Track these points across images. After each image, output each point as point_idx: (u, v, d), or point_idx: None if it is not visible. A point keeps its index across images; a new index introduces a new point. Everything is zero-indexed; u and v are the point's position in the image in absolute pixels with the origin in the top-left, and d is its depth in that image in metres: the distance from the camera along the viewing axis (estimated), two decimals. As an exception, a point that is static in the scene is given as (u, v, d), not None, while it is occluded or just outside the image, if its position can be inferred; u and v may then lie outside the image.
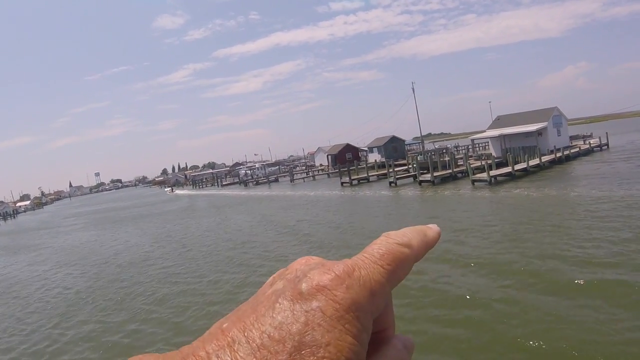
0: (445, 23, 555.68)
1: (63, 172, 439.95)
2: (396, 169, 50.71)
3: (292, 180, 63.52)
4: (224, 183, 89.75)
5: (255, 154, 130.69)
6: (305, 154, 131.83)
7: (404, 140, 74.08)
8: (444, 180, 38.58)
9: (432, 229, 0.43)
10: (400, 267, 0.39)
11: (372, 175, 48.24)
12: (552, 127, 49.47)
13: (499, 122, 55.65)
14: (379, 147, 70.83)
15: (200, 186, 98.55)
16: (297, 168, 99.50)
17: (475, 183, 34.03)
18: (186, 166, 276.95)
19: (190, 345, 0.35)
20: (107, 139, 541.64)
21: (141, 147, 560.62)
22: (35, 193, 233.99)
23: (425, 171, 40.24)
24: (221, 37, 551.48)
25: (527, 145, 46.26)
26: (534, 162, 39.14)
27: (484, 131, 56.03)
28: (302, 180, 64.33)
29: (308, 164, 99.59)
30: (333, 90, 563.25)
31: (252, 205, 40.51)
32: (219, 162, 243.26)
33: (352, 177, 46.31)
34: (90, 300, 15.57)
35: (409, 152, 73.21)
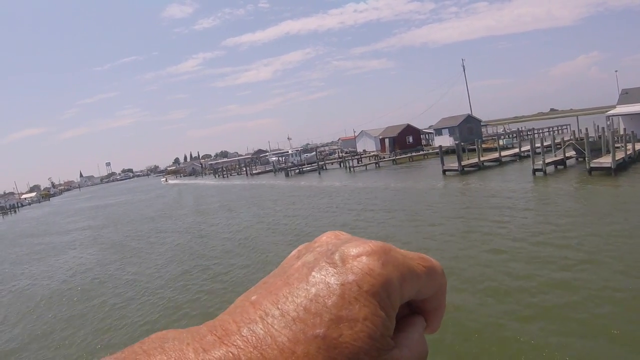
0: (456, 11, 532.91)
1: (74, 163, 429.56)
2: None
3: (351, 169, 50.69)
4: (254, 172, 77.29)
5: (289, 138, 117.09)
6: (337, 139, 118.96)
7: (480, 120, 60.78)
8: (619, 167, 25.96)
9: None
10: (430, 277, 0.37)
11: (486, 161, 35.35)
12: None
13: (628, 96, 43.56)
14: (451, 128, 57.66)
15: (224, 175, 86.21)
16: (334, 155, 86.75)
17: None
18: (198, 155, 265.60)
19: (215, 319, 0.34)
20: (117, 129, 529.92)
21: (152, 137, 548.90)
22: (45, 184, 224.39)
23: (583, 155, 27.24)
24: (231, 25, 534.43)
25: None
26: None
27: (614, 107, 43.41)
28: (364, 167, 51.41)
29: (345, 149, 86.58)
30: (343, 79, 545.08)
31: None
32: (231, 151, 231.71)
33: (463, 164, 33.32)
34: None
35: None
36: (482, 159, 35.05)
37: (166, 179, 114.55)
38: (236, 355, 0.30)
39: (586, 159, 26.84)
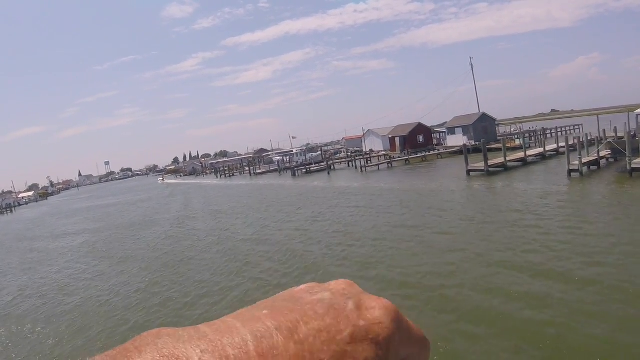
0: (456, 12, 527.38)
1: (72, 162, 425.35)
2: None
3: (363, 169, 48.66)
4: (258, 171, 75.13)
5: (293, 137, 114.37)
6: (340, 138, 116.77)
7: (494, 119, 58.67)
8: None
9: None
10: (422, 349, 0.41)
11: (510, 161, 33.31)
12: None
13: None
14: (464, 127, 55.62)
15: (227, 175, 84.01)
16: (340, 155, 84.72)
17: None
18: (198, 154, 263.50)
19: (218, 320, 0.34)
20: (116, 128, 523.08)
21: (151, 136, 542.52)
22: (44, 183, 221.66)
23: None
24: (230, 25, 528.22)
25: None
26: None
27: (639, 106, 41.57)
28: (376, 167, 49.29)
29: (350, 149, 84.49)
30: (343, 80, 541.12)
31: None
32: (231, 151, 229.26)
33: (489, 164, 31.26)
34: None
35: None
36: (507, 158, 33.00)
37: (163, 178, 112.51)
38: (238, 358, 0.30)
39: (627, 159, 24.81)
